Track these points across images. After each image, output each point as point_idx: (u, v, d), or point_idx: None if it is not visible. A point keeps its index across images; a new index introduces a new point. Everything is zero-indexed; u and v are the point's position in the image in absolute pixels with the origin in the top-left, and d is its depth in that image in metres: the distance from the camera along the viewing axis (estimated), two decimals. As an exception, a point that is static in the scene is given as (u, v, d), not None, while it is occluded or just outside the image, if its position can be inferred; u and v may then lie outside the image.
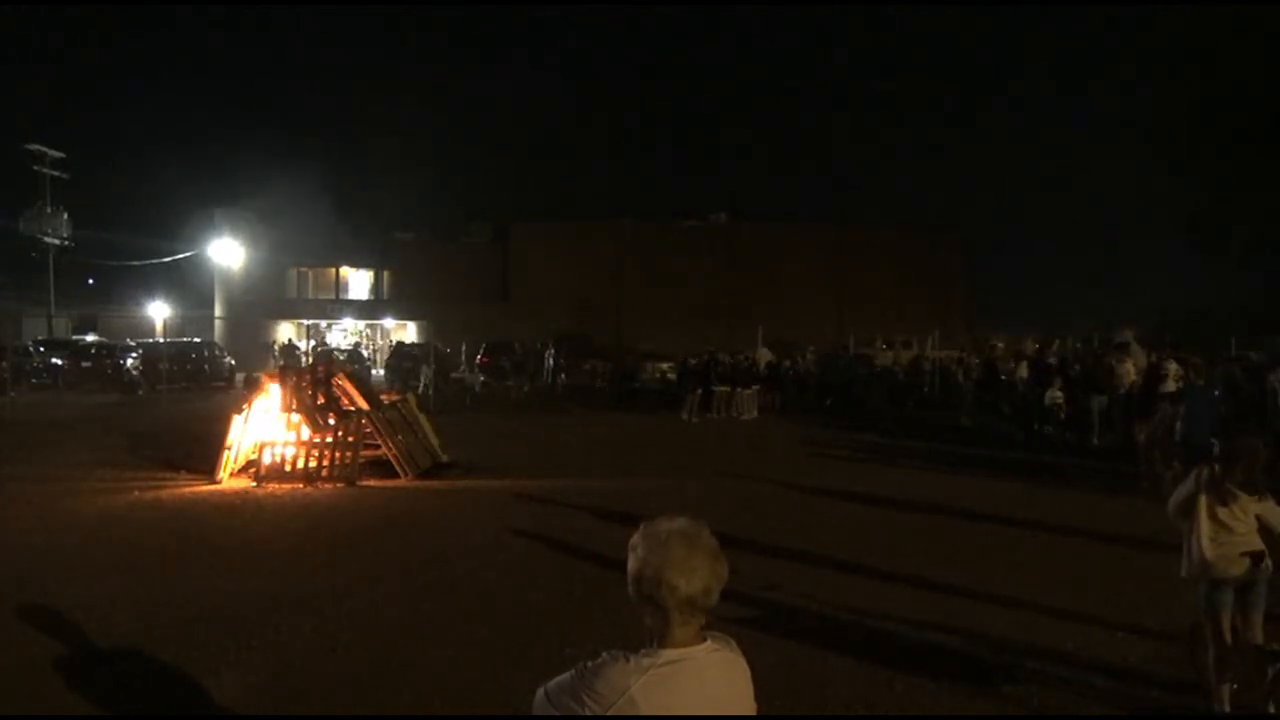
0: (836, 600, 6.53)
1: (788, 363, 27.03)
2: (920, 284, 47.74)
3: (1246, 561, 4.34)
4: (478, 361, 32.08)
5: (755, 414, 21.08)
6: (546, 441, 16.03)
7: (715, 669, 1.89)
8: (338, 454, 11.59)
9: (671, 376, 28.49)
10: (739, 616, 5.60)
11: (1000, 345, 26.93)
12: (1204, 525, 4.38)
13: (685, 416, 20.25)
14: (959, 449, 15.83)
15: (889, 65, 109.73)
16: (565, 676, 1.88)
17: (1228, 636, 4.43)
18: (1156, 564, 7.64)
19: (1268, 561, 4.36)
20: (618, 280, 47.95)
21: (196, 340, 34.29)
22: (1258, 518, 4.35)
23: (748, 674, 1.98)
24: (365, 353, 39.80)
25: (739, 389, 21.39)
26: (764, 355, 26.18)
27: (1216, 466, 4.49)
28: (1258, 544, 4.36)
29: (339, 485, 11.21)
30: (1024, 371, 18.53)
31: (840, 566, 7.53)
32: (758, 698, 1.99)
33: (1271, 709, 4.28)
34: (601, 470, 12.89)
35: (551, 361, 32.37)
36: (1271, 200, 37.46)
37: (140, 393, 26.14)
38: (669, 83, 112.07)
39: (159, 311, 42.56)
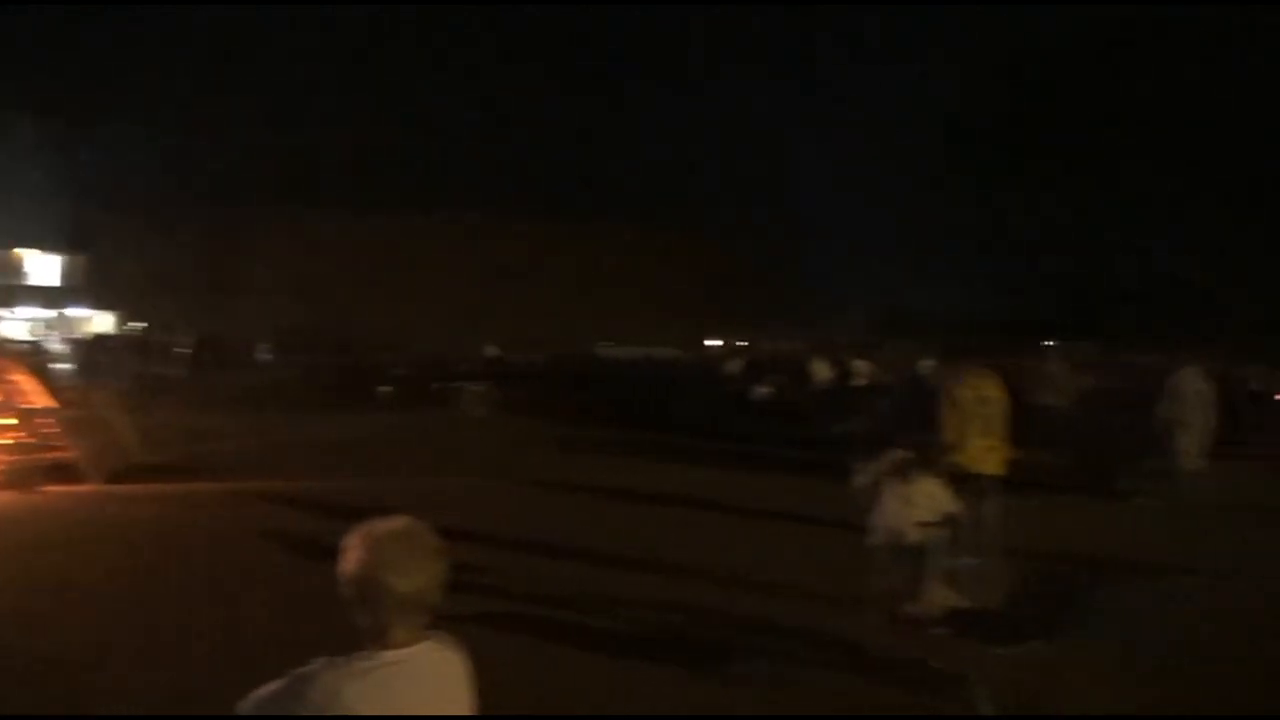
0: (572, 591, 6.67)
1: (517, 359, 27.85)
2: (659, 286, 50.10)
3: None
4: (188, 354, 29.79)
5: (483, 411, 21.15)
6: (259, 440, 15.10)
7: (431, 668, 1.89)
8: (14, 457, 10.42)
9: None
10: (473, 613, 5.56)
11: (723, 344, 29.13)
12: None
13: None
14: (683, 440, 16.51)
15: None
16: (276, 685, 1.83)
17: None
18: (843, 538, 8.56)
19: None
20: (351, 273, 46.44)
21: None
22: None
23: (465, 672, 1.99)
24: (55, 345, 35.47)
25: (465, 386, 21.44)
26: (491, 352, 26.99)
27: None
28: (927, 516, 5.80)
29: (14, 492, 10.01)
30: (737, 368, 20.28)
31: (578, 555, 7.73)
32: (487, 693, 2.02)
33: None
34: (319, 470, 12.30)
35: (270, 356, 30.81)
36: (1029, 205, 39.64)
37: None
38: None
39: None
